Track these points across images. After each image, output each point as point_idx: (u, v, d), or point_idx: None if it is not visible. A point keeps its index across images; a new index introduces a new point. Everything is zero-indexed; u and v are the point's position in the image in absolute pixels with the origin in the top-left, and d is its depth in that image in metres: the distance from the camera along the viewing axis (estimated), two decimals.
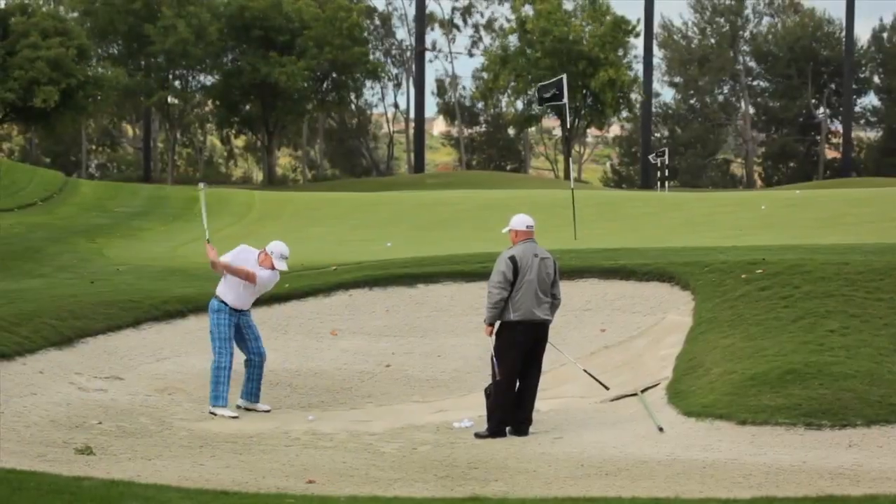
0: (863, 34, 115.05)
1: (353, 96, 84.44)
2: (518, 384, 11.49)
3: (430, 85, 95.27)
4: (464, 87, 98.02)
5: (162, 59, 72.32)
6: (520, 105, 77.67)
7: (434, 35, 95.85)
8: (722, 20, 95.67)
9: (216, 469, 9.64)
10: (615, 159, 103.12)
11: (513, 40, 75.81)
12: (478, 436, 11.27)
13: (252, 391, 12.74)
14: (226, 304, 12.61)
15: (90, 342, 14.00)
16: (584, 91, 71.55)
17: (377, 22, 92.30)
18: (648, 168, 71.84)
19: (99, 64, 69.80)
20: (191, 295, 16.08)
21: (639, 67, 78.24)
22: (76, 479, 8.38)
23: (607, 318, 15.45)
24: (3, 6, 64.64)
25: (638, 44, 79.31)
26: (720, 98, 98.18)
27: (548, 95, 25.82)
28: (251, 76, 71.55)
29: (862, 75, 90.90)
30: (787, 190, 53.05)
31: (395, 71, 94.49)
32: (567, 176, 45.81)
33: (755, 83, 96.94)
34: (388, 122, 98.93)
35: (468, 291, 16.31)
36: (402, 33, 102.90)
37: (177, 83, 76.41)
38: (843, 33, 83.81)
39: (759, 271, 14.75)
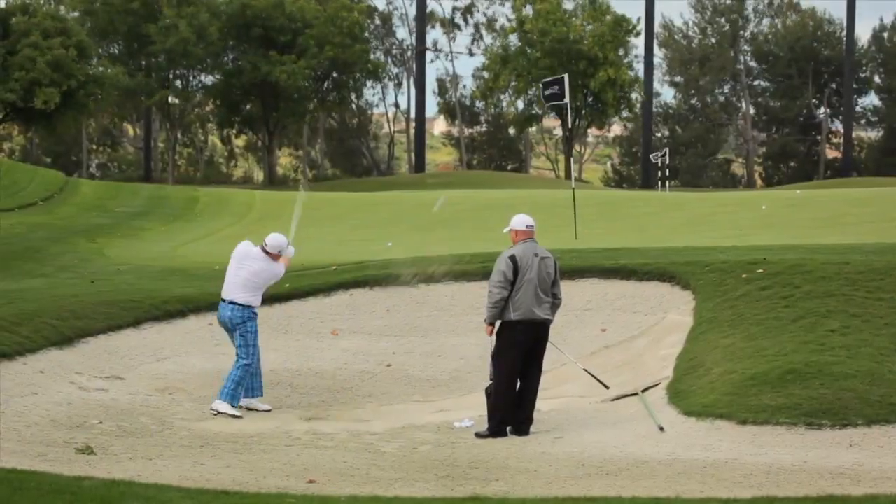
0: (863, 34, 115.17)
1: (353, 96, 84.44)
2: (518, 384, 11.50)
3: (430, 84, 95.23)
4: (464, 87, 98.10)
5: (163, 59, 72.32)
6: (520, 105, 77.71)
7: (435, 34, 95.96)
8: (722, 20, 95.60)
9: (217, 469, 9.64)
10: (616, 159, 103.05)
11: (513, 40, 75.81)
12: (478, 435, 11.27)
13: (256, 385, 12.76)
14: (254, 308, 12.71)
15: (91, 342, 14.01)
16: (585, 91, 71.55)
17: (378, 21, 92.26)
18: (649, 168, 71.80)
19: (99, 63, 69.75)
20: (191, 295, 16.08)
21: (639, 67, 78.32)
22: (77, 478, 8.38)
23: (608, 317, 15.44)
24: (3, 6, 64.60)
25: (639, 43, 79.34)
26: (721, 98, 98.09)
27: (548, 93, 25.82)
28: (252, 75, 71.51)
29: (862, 75, 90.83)
30: (788, 190, 53.02)
31: (395, 70, 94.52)
32: (568, 175, 45.81)
33: (756, 83, 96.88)
34: (388, 121, 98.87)
35: (468, 291, 16.30)
36: (403, 33, 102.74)
37: (178, 83, 76.42)
38: (844, 33, 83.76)
39: (760, 271, 14.75)
